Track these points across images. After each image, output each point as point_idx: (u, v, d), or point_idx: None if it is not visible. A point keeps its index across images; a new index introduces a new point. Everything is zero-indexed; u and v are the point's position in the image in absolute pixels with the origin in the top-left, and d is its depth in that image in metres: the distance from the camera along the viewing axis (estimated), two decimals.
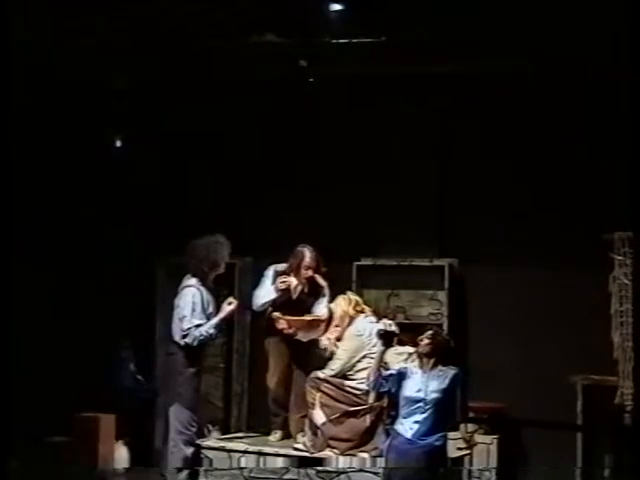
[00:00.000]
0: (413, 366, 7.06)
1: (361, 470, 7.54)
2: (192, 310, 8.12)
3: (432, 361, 7.03)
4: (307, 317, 8.13)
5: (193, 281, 8.24)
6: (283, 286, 8.15)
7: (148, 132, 10.36)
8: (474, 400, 9.40)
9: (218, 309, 8.26)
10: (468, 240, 9.62)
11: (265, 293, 8.24)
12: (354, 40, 8.92)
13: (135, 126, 10.25)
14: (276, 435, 8.22)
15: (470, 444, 8.55)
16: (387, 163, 9.88)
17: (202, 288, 8.22)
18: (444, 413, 7.03)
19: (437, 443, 6.98)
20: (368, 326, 7.80)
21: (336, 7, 8.33)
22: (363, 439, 7.67)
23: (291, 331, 8.08)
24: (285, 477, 7.64)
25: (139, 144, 10.31)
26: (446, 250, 9.72)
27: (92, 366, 9.71)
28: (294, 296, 8.22)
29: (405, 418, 6.97)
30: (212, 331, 8.17)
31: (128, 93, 10.03)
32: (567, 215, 9.27)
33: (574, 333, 9.08)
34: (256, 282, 8.84)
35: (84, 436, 8.91)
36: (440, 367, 7.03)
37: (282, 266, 8.30)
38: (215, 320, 8.18)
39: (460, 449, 8.84)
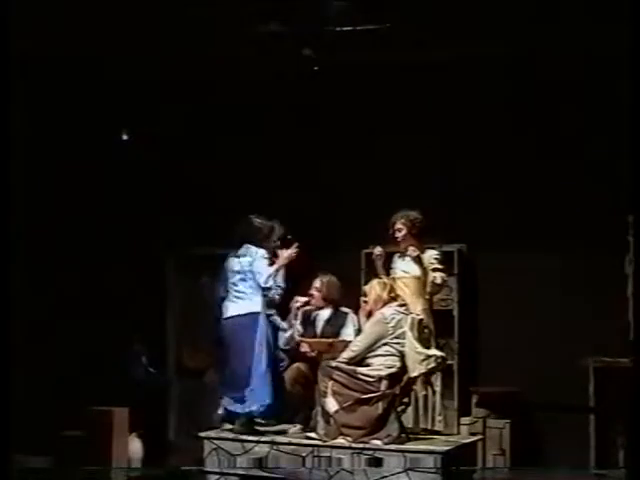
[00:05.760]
0: None
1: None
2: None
3: None
4: (329, 340, 8.10)
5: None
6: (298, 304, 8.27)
7: (154, 126, 10.37)
8: (486, 384, 9.44)
9: None
10: (477, 225, 9.60)
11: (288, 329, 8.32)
12: (358, 28, 8.91)
13: (141, 121, 10.27)
14: (295, 428, 8.15)
15: None
16: (393, 149, 9.88)
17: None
18: None
19: None
20: (397, 315, 7.80)
21: None
22: (375, 426, 7.64)
23: (314, 354, 8.07)
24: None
25: (149, 139, 10.35)
26: (454, 235, 9.71)
27: (105, 360, 9.74)
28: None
29: None
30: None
31: (135, 84, 10.04)
32: (579, 197, 9.23)
33: (585, 316, 9.07)
34: None
35: (98, 430, 8.94)
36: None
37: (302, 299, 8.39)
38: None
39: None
